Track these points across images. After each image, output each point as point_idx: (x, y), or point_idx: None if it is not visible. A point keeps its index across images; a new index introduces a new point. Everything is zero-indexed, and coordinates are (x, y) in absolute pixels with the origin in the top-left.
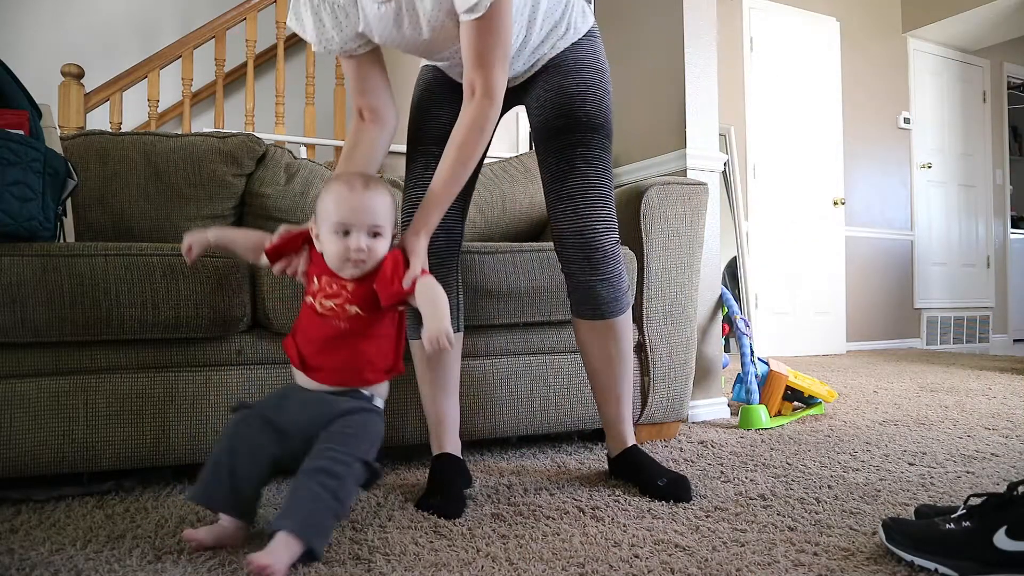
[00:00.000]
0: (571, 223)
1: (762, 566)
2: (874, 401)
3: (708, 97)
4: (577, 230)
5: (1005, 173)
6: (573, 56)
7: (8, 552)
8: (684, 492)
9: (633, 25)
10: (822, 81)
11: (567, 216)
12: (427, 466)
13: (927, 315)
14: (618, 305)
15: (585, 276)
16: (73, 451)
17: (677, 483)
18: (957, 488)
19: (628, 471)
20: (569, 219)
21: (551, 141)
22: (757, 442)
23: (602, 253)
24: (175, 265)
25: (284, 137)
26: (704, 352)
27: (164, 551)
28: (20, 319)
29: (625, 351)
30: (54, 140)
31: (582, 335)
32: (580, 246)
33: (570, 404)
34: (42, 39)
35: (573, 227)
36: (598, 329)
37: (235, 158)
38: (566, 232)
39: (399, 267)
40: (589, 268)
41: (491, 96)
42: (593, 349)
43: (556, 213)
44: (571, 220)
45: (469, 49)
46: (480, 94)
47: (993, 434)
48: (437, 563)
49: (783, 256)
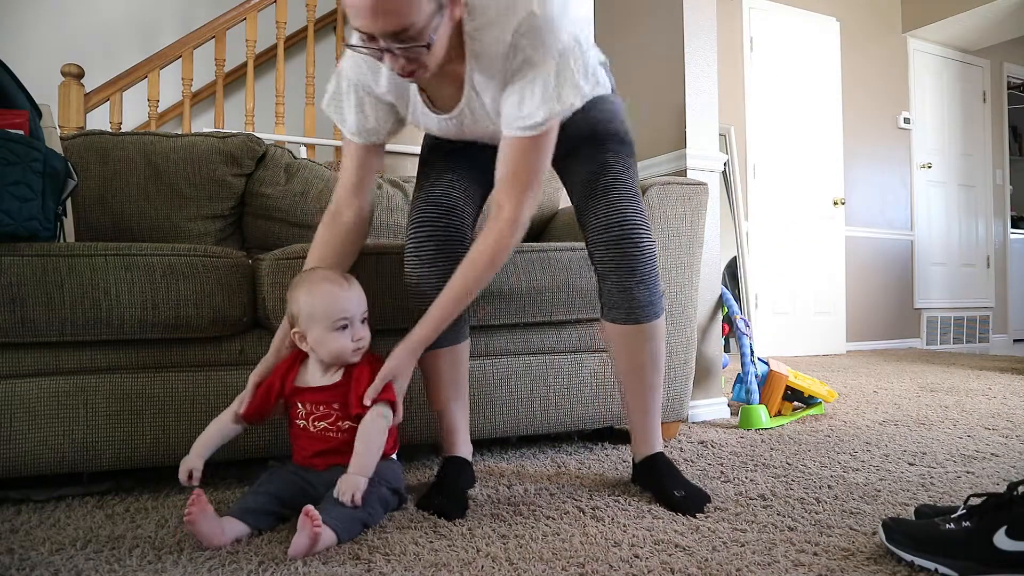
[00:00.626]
0: (607, 215)
1: (762, 566)
2: (874, 401)
3: (708, 97)
4: (615, 222)
5: (1005, 173)
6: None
7: (8, 552)
8: (698, 507)
9: (633, 25)
10: (822, 81)
11: (602, 209)
12: (427, 466)
13: (927, 315)
14: (653, 309)
15: (622, 277)
16: (73, 451)
17: (694, 497)
18: (957, 488)
19: (648, 478)
20: (605, 212)
21: (580, 149)
22: (757, 442)
23: (639, 250)
24: (175, 265)
25: (284, 137)
26: (704, 352)
27: (164, 551)
28: (20, 319)
29: (658, 357)
30: (54, 140)
31: (612, 340)
32: (617, 239)
33: (570, 404)
34: (42, 39)
35: (610, 219)
36: (630, 334)
37: (235, 158)
38: (602, 225)
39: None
40: (626, 267)
41: (517, 224)
42: (623, 354)
43: (591, 209)
44: (607, 213)
45: (508, 165)
46: (507, 219)
47: (993, 434)
48: (437, 563)
49: (783, 256)
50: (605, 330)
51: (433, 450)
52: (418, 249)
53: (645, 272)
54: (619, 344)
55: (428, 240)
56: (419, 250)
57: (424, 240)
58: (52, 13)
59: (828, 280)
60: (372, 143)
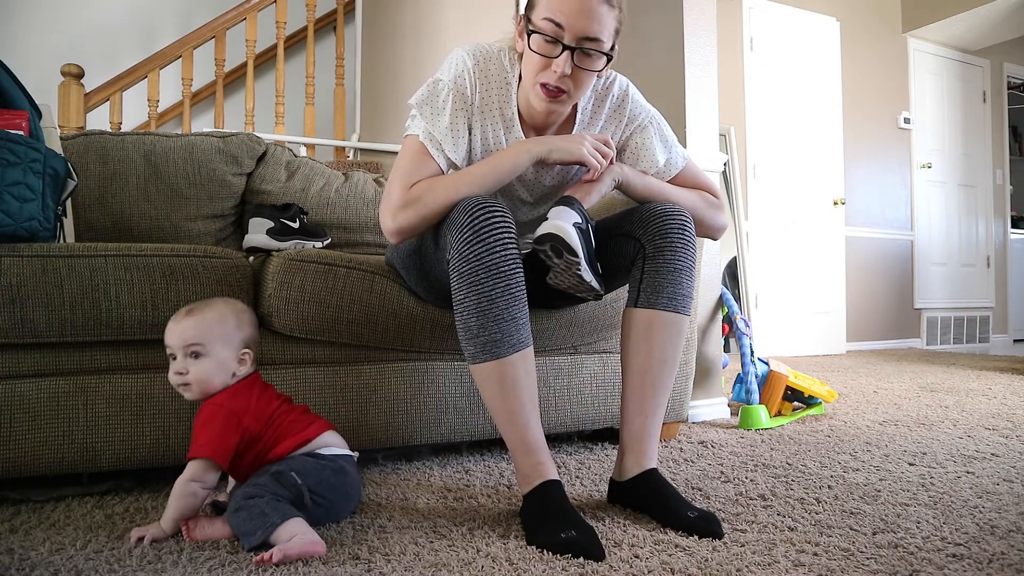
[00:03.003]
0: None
1: (762, 566)
2: (874, 401)
3: (708, 97)
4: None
5: (1005, 173)
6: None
7: (8, 552)
8: (717, 526)
9: (633, 25)
10: (822, 81)
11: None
12: (427, 466)
13: (927, 315)
14: (689, 302)
15: (676, 255)
16: (73, 451)
17: (708, 517)
18: (957, 488)
19: (647, 498)
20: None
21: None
22: (757, 442)
23: (692, 235)
24: (175, 266)
25: (284, 137)
26: (704, 352)
27: (164, 551)
28: (20, 319)
29: (677, 357)
30: (54, 140)
31: (640, 329)
32: (677, 214)
33: (570, 404)
34: (42, 39)
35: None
36: (667, 323)
37: (235, 157)
38: (658, 203)
39: (194, 426)
40: (680, 247)
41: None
42: (650, 346)
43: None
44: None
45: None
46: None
47: (993, 434)
48: (437, 563)
49: (783, 256)
50: (634, 318)
51: (433, 451)
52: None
53: (692, 260)
54: (648, 334)
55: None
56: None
57: (487, 202)
58: (52, 13)
59: (828, 280)
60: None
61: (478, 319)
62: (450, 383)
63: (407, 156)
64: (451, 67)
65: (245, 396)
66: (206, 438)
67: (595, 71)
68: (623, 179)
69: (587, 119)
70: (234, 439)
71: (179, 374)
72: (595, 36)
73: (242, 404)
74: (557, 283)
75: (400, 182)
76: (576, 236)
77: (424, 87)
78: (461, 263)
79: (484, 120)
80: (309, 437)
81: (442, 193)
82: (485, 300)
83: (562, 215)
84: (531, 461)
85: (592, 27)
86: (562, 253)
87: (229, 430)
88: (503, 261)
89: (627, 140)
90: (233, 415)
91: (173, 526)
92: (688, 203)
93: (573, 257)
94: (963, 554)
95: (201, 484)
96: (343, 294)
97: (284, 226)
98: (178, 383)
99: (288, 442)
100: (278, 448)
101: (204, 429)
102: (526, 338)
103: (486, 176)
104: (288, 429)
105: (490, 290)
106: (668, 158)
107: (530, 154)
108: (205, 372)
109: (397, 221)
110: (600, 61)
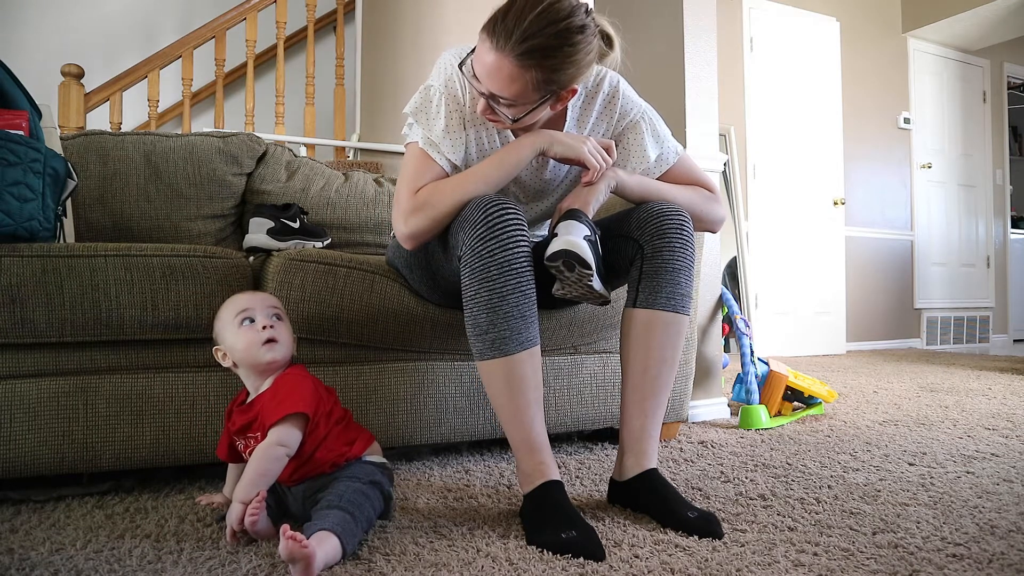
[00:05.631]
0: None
1: (762, 566)
2: (874, 401)
3: (708, 97)
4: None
5: (1005, 173)
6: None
7: (8, 552)
8: (717, 527)
9: (633, 25)
10: (822, 81)
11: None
12: (427, 466)
13: (927, 315)
14: (688, 302)
15: (675, 255)
16: (73, 451)
17: (708, 517)
18: (957, 488)
19: (647, 498)
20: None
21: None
22: (757, 442)
23: (691, 235)
24: (175, 266)
25: (284, 137)
26: (704, 352)
27: (164, 551)
28: (20, 319)
29: (677, 357)
30: (54, 140)
31: (640, 329)
32: (675, 213)
33: (570, 404)
34: (42, 39)
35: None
36: (667, 323)
37: (235, 158)
38: (656, 203)
39: (278, 391)
40: (679, 246)
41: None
42: (649, 346)
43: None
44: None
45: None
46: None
47: (993, 434)
48: (437, 563)
49: (783, 256)
50: (634, 318)
51: (433, 451)
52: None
53: (691, 260)
54: (647, 334)
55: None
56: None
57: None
58: (52, 13)
59: (828, 280)
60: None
61: (488, 315)
62: (450, 383)
63: (411, 162)
64: (441, 71)
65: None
66: (299, 396)
67: (516, 118)
68: (618, 183)
69: (577, 116)
70: (321, 407)
71: (270, 328)
72: (501, 95)
73: (316, 382)
74: (564, 294)
75: (407, 188)
76: (589, 249)
77: (417, 94)
78: (474, 259)
79: (476, 121)
80: (370, 440)
81: (450, 193)
82: (496, 296)
83: (572, 229)
84: (534, 460)
85: (497, 87)
86: (575, 267)
87: (319, 396)
88: (515, 258)
89: (619, 136)
90: (318, 386)
91: (251, 493)
92: (684, 200)
93: (587, 270)
94: (963, 554)
95: (287, 450)
96: (343, 294)
97: (284, 226)
98: (267, 337)
99: (359, 445)
100: (354, 448)
101: (295, 391)
102: (534, 336)
103: (492, 173)
104: (353, 429)
105: (501, 287)
106: (660, 153)
107: (533, 147)
108: (289, 333)
109: (409, 226)
110: (519, 110)
